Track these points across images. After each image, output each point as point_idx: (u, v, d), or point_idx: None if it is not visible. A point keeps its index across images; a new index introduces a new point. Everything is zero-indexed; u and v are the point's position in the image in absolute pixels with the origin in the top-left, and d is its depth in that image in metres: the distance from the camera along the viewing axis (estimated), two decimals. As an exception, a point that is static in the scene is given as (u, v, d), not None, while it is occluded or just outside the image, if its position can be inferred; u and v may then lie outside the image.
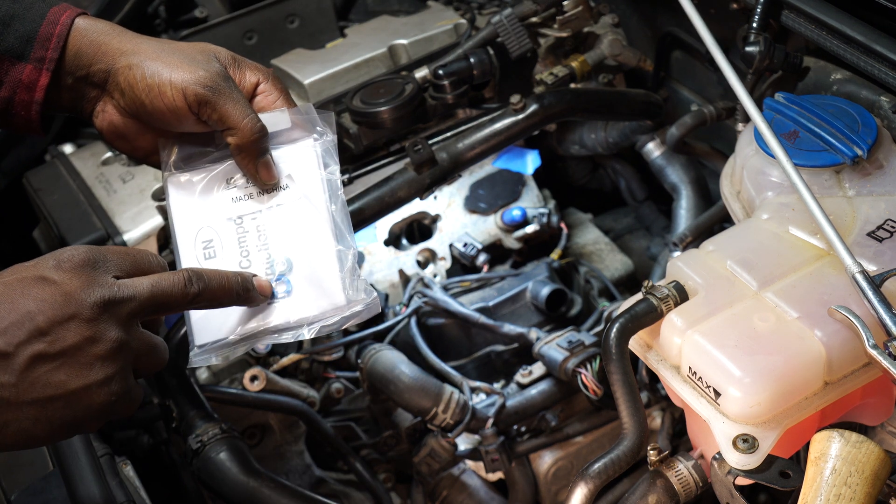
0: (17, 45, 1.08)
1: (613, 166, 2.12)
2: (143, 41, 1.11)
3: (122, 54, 1.09)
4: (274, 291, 1.10)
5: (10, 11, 1.08)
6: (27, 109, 1.11)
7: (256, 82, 1.13)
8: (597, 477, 1.21)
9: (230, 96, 1.08)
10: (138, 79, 1.07)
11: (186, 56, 1.08)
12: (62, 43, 1.09)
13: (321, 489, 1.64)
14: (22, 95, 1.10)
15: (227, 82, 1.09)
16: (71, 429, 0.92)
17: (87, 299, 0.89)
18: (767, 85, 1.54)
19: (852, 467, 0.96)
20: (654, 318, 1.16)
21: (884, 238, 1.17)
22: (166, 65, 1.07)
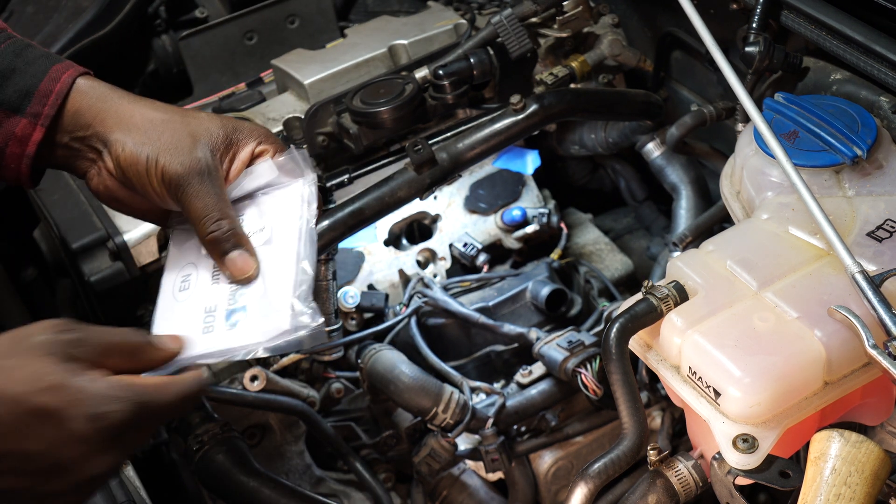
0: (14, 98, 1.08)
1: (613, 166, 2.12)
2: (138, 112, 1.11)
3: (118, 126, 1.10)
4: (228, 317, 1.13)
5: (11, 65, 1.09)
6: (17, 162, 1.11)
7: (253, 150, 1.14)
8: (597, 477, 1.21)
9: (197, 195, 1.09)
10: (129, 160, 1.09)
11: (173, 141, 1.09)
12: (60, 101, 1.09)
13: (321, 489, 1.64)
14: (13, 148, 1.10)
15: (200, 177, 1.09)
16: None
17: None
18: (767, 85, 1.54)
19: (852, 467, 0.96)
20: (653, 318, 1.16)
21: (883, 238, 1.17)
22: (153, 149, 1.09)
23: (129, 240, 1.61)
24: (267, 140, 1.15)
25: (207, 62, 2.14)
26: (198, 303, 1.15)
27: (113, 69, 2.14)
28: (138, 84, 2.23)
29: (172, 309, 1.17)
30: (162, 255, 1.64)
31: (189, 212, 1.10)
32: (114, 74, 2.14)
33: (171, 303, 1.18)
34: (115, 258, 1.62)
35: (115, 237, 1.61)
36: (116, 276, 1.62)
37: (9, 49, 1.10)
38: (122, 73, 2.20)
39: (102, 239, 1.62)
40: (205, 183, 1.09)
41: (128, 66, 2.21)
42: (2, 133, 1.09)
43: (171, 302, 1.18)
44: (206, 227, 1.10)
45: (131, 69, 2.22)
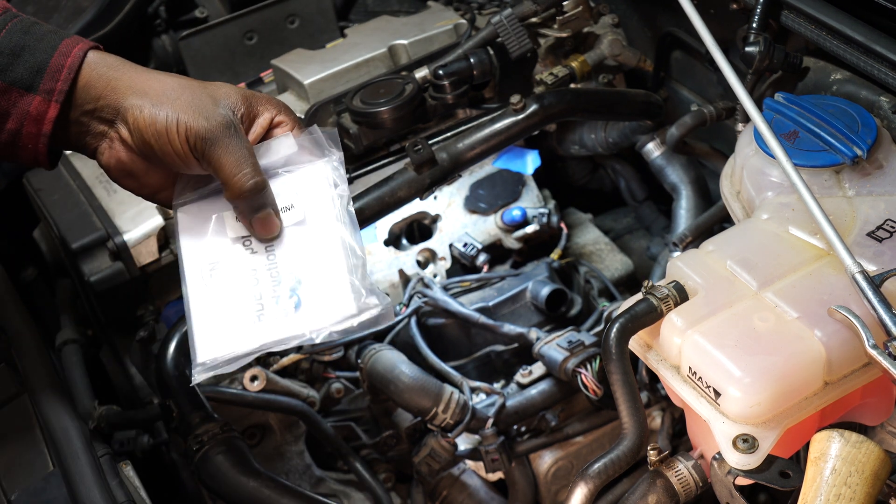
0: (25, 76, 1.06)
1: (613, 166, 2.12)
2: (153, 79, 1.09)
3: (132, 92, 1.07)
4: (283, 306, 1.09)
5: (20, 43, 1.06)
6: (35, 142, 1.09)
7: (271, 118, 1.13)
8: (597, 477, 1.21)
9: (227, 148, 1.06)
10: (147, 122, 1.06)
11: (193, 101, 1.07)
12: (73, 75, 1.07)
13: (321, 489, 1.64)
14: (30, 128, 1.08)
15: (228, 131, 1.07)
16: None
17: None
18: (767, 85, 1.54)
19: (852, 467, 0.96)
20: (654, 318, 1.16)
21: (883, 238, 1.17)
22: (173, 109, 1.06)
23: (128, 240, 1.61)
24: (285, 112, 1.14)
25: (207, 62, 2.14)
26: (240, 287, 1.09)
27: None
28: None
29: (210, 300, 1.10)
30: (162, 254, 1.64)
31: (220, 167, 1.06)
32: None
33: (206, 292, 1.10)
34: (114, 258, 1.62)
35: (115, 237, 1.61)
36: (116, 276, 1.62)
37: (16, 27, 1.07)
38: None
39: (102, 239, 1.62)
40: (233, 138, 1.07)
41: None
42: (17, 113, 1.07)
43: (205, 291, 1.10)
44: (241, 182, 1.07)
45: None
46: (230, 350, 1.07)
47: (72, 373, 1.67)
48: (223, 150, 1.06)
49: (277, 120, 1.13)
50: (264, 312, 1.08)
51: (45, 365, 1.41)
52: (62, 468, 1.24)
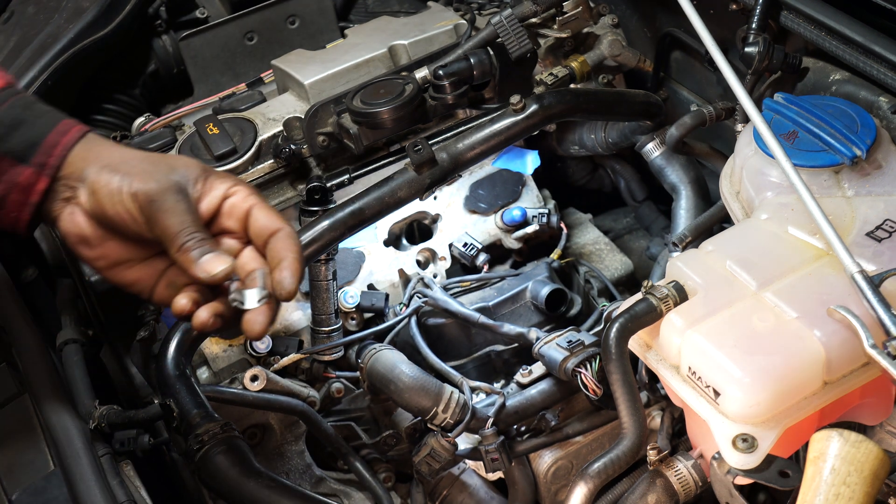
0: (19, 148, 1.09)
1: (613, 166, 2.12)
2: (119, 151, 1.11)
3: (97, 161, 1.10)
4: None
5: (19, 117, 1.10)
6: (18, 210, 1.11)
7: (226, 189, 1.12)
8: (596, 476, 1.21)
9: (172, 210, 1.06)
10: (102, 184, 1.08)
11: (148, 168, 1.08)
12: (66, 153, 1.10)
13: (321, 489, 1.64)
14: (16, 196, 1.10)
15: (176, 195, 1.07)
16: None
17: None
18: (767, 85, 1.54)
19: (851, 467, 0.96)
20: (653, 317, 1.17)
21: (882, 238, 1.17)
22: (127, 174, 1.08)
23: (129, 240, 1.61)
24: (239, 184, 1.13)
25: (208, 62, 2.14)
26: None
27: (113, 69, 2.15)
28: (139, 84, 2.23)
29: None
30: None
31: (163, 228, 1.06)
32: (114, 74, 2.17)
33: None
34: (115, 258, 1.62)
35: (116, 237, 1.61)
36: (117, 276, 1.62)
37: (18, 103, 1.11)
38: (123, 74, 2.20)
39: (103, 239, 1.62)
40: (180, 201, 1.07)
41: (128, 66, 2.22)
42: (5, 180, 1.10)
43: None
44: (179, 240, 1.06)
45: (132, 69, 2.22)
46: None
47: (72, 372, 1.67)
48: (168, 210, 1.06)
49: (232, 191, 1.12)
50: None
51: (46, 365, 1.42)
52: (63, 468, 1.24)
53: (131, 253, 1.13)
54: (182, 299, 1.09)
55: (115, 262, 1.14)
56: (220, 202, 1.11)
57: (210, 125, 1.76)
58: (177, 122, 1.93)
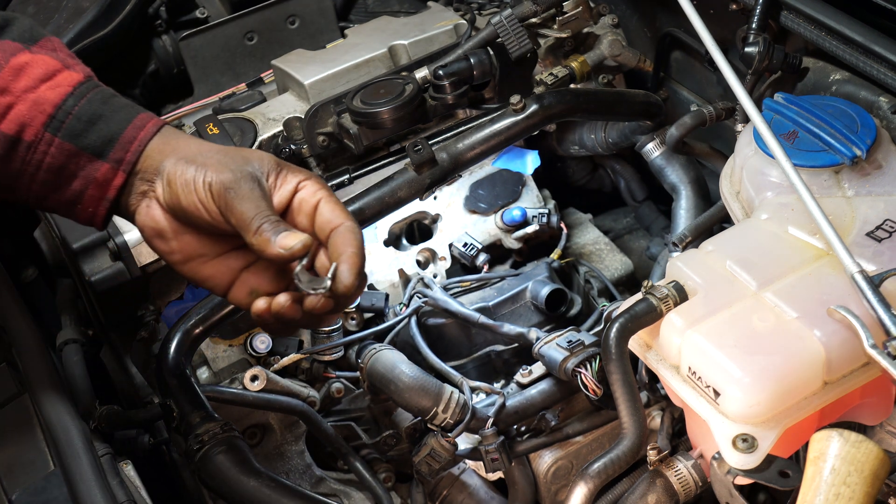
0: (97, 144, 1.10)
1: (613, 166, 2.12)
2: (195, 143, 1.13)
3: (173, 154, 1.11)
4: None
5: (97, 112, 1.11)
6: (96, 205, 1.13)
7: (297, 182, 1.13)
8: (596, 476, 1.21)
9: (247, 197, 1.07)
10: (178, 175, 1.09)
11: (223, 160, 1.10)
12: (142, 148, 1.11)
13: (321, 489, 1.64)
14: (93, 192, 1.12)
15: (250, 184, 1.08)
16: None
17: None
18: (767, 85, 1.54)
19: (851, 467, 0.96)
20: (653, 317, 1.17)
21: (883, 238, 1.17)
22: (202, 165, 1.09)
23: (129, 240, 1.61)
24: (310, 178, 1.14)
25: (208, 62, 2.14)
26: None
27: (114, 69, 2.15)
28: (139, 84, 2.23)
29: None
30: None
31: (238, 215, 1.06)
32: (114, 74, 2.16)
33: None
34: (115, 258, 1.62)
35: (116, 237, 1.61)
36: (117, 276, 1.62)
37: (96, 97, 1.12)
38: (123, 74, 2.20)
39: (103, 239, 1.62)
40: (255, 189, 1.08)
41: (128, 66, 2.22)
42: (83, 176, 1.11)
43: None
44: (255, 223, 1.06)
45: (132, 69, 2.22)
46: None
47: (72, 372, 1.67)
48: (242, 198, 1.07)
49: (304, 184, 1.12)
50: None
51: (46, 365, 1.41)
52: (63, 468, 1.24)
53: (206, 248, 1.14)
54: (261, 302, 1.11)
55: (189, 256, 1.15)
56: (291, 197, 1.12)
57: (210, 125, 1.77)
58: (177, 122, 1.93)
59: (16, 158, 1.10)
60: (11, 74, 1.10)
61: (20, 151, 1.10)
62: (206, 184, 1.07)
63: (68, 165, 1.11)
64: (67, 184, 1.12)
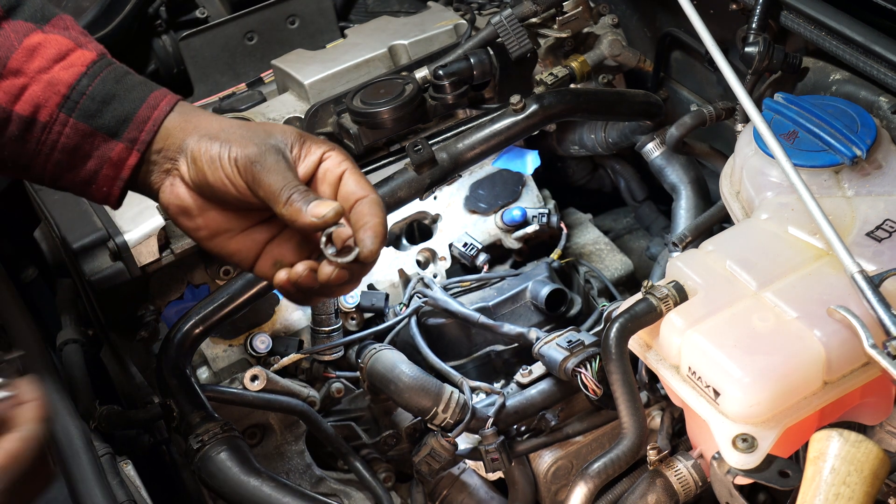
0: (112, 123, 1.11)
1: (613, 166, 2.12)
2: (217, 120, 1.13)
3: (195, 131, 1.11)
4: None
5: (111, 91, 1.11)
6: (110, 185, 1.14)
7: (321, 153, 1.13)
8: (596, 476, 1.21)
9: (273, 170, 1.08)
10: (203, 152, 1.09)
11: (246, 134, 1.10)
12: (157, 127, 1.11)
13: (321, 489, 1.64)
14: (108, 171, 1.13)
15: (276, 156, 1.09)
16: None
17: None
18: (767, 85, 1.54)
19: (851, 466, 0.96)
20: (653, 317, 1.17)
21: (882, 238, 1.17)
22: (226, 141, 1.09)
23: (129, 240, 1.61)
24: (334, 149, 1.15)
25: (208, 62, 2.14)
26: None
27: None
28: (139, 84, 2.23)
29: None
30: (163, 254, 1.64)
31: (266, 187, 1.07)
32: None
33: None
34: (115, 258, 1.62)
35: (116, 237, 1.61)
36: (117, 276, 1.62)
37: (109, 76, 1.13)
38: (123, 74, 2.20)
39: (103, 239, 1.62)
40: (280, 161, 1.09)
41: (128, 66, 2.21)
42: (97, 156, 1.12)
43: None
44: (284, 194, 1.07)
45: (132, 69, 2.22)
46: None
47: (72, 373, 1.67)
48: (269, 170, 1.08)
49: (327, 155, 1.13)
50: None
51: (46, 365, 1.42)
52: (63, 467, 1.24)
53: (231, 223, 1.14)
54: (282, 273, 1.12)
55: (215, 232, 1.15)
56: (316, 167, 1.12)
57: (210, 125, 1.76)
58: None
59: (31, 139, 1.11)
60: (25, 55, 1.10)
61: (35, 132, 1.11)
62: (231, 159, 1.08)
63: (83, 145, 1.11)
64: (82, 164, 1.12)
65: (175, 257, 1.64)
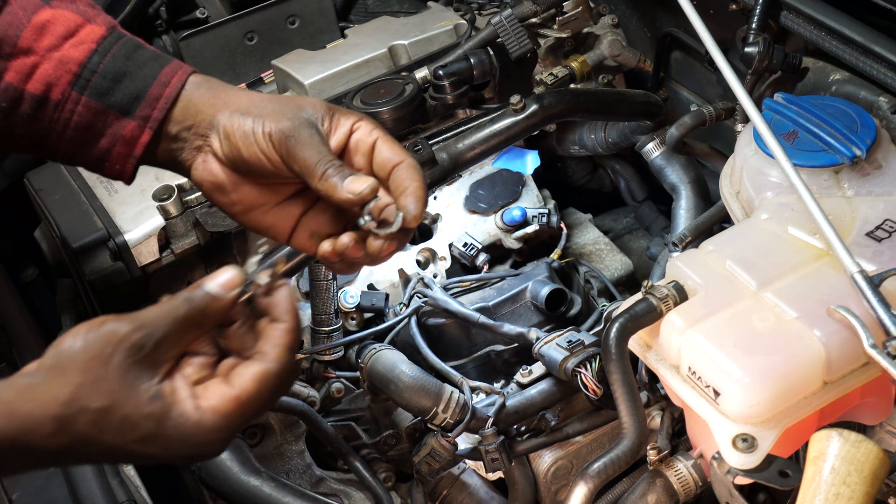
0: (124, 101, 1.11)
1: (613, 166, 2.12)
2: (245, 95, 1.13)
3: (225, 107, 1.12)
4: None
5: (122, 69, 1.11)
6: (123, 162, 1.14)
7: (351, 125, 1.13)
8: (596, 476, 1.21)
9: (307, 143, 1.08)
10: (236, 127, 1.09)
11: (278, 108, 1.10)
12: (169, 104, 1.11)
13: (321, 489, 1.64)
14: (120, 149, 1.13)
15: (309, 130, 1.09)
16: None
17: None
18: (767, 85, 1.54)
19: (851, 466, 0.96)
20: (653, 317, 1.17)
21: (882, 238, 1.17)
22: (258, 116, 1.09)
23: (129, 240, 1.61)
24: (363, 119, 1.15)
25: (208, 62, 2.14)
26: None
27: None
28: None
29: None
30: (163, 254, 1.64)
31: (301, 162, 1.07)
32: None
33: None
34: (115, 258, 1.62)
35: (116, 237, 1.61)
36: (117, 276, 1.62)
37: (120, 52, 1.12)
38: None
39: (103, 239, 1.62)
40: (314, 135, 1.09)
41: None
42: (110, 133, 1.12)
43: None
44: (319, 169, 1.07)
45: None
46: None
47: (72, 372, 1.66)
48: (304, 144, 1.08)
49: (357, 126, 1.13)
50: None
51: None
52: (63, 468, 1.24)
53: (266, 197, 1.15)
54: (326, 245, 1.12)
55: (250, 206, 1.15)
56: (347, 137, 1.12)
57: (210, 125, 1.76)
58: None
59: (43, 117, 1.11)
60: (34, 33, 1.10)
61: (48, 110, 1.11)
62: (265, 134, 1.08)
63: (95, 123, 1.11)
64: (95, 141, 1.12)
65: (175, 257, 1.64)
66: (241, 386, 0.93)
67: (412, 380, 1.53)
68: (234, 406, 0.93)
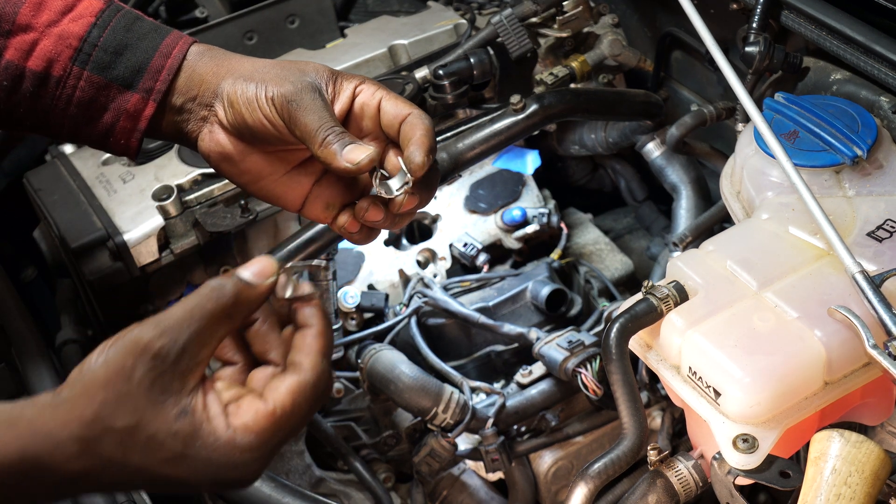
0: (126, 74, 1.10)
1: (613, 166, 2.12)
2: (248, 62, 1.12)
3: (228, 74, 1.10)
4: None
5: (122, 41, 1.10)
6: (128, 137, 1.12)
7: (354, 88, 1.12)
8: (597, 477, 1.21)
9: (310, 107, 1.07)
10: (239, 94, 1.08)
11: (281, 73, 1.09)
12: (172, 75, 1.10)
13: (321, 489, 1.64)
14: (124, 123, 1.11)
15: (312, 94, 1.08)
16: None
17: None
18: (767, 85, 1.54)
19: (852, 467, 0.96)
20: (654, 318, 1.16)
21: (883, 238, 1.17)
22: (261, 81, 1.08)
23: (129, 240, 1.61)
24: (365, 81, 1.14)
25: (207, 62, 2.13)
26: None
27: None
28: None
29: None
30: (162, 254, 1.64)
31: (302, 127, 1.06)
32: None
33: None
34: (115, 258, 1.62)
35: (116, 237, 1.61)
36: (116, 276, 1.62)
37: (119, 24, 1.11)
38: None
39: (102, 239, 1.62)
40: (317, 99, 1.07)
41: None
42: (114, 108, 1.11)
43: None
44: (320, 135, 1.05)
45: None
46: None
47: (72, 373, 1.66)
48: (306, 109, 1.06)
49: (360, 88, 1.12)
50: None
51: (46, 365, 1.41)
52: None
53: (274, 166, 1.13)
54: (343, 216, 1.12)
55: (259, 176, 1.14)
56: (351, 101, 1.11)
57: (210, 125, 1.76)
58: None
59: (46, 94, 1.10)
60: (32, 9, 1.09)
61: (50, 87, 1.10)
62: (268, 99, 1.07)
63: (98, 98, 1.10)
64: (99, 116, 1.11)
65: (175, 257, 1.64)
66: (275, 400, 0.87)
67: (412, 380, 1.53)
68: (269, 422, 0.87)
